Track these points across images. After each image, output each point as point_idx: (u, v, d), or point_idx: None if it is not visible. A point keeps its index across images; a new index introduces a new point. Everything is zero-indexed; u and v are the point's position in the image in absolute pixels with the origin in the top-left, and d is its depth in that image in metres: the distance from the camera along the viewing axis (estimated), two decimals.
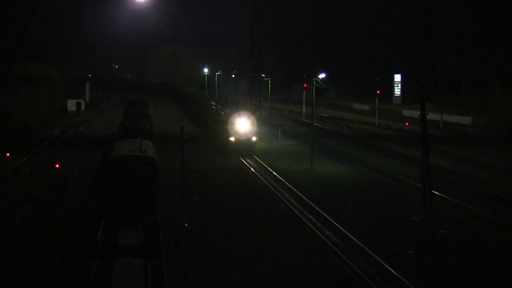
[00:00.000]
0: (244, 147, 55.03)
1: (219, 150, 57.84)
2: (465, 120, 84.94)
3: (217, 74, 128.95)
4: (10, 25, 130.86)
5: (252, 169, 49.60)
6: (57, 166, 49.35)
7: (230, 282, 25.17)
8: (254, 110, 73.81)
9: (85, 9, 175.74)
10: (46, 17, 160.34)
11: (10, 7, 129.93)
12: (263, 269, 26.48)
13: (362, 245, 28.74)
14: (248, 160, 53.16)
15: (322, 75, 57.03)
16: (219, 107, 67.11)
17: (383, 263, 26.23)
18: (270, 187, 42.87)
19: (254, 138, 55.63)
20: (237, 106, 63.08)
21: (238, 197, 40.20)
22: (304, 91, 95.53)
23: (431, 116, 54.02)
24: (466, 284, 24.98)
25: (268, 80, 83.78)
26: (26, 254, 28.55)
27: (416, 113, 40.00)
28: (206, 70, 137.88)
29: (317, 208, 35.89)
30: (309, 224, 33.18)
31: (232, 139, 54.81)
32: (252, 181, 45.23)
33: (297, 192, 40.35)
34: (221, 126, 58.17)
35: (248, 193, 41.26)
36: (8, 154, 53.37)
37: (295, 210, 36.35)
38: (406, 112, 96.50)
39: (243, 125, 55.11)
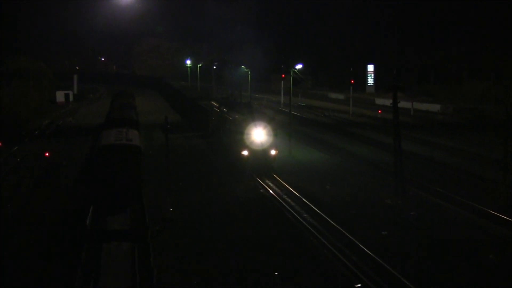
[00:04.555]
0: (260, 162, 42.35)
1: (228, 164, 45.97)
2: (435, 108, 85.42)
3: (199, 66, 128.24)
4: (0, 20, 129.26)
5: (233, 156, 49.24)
6: (47, 154, 48.96)
7: (213, 263, 25.20)
8: (273, 116, 55.28)
9: (72, 3, 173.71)
10: (35, 11, 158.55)
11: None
12: (244, 249, 26.58)
13: (337, 226, 28.90)
14: None
15: (299, 66, 57.15)
16: (224, 109, 53.80)
17: (358, 243, 26.40)
18: (250, 172, 42.84)
19: (273, 152, 42.80)
20: (250, 110, 49.64)
21: (221, 183, 40.20)
22: (282, 81, 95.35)
23: (402, 104, 54.68)
24: (435, 262, 25.23)
25: (248, 72, 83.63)
26: (17, 239, 28.39)
27: (388, 102, 40.23)
28: (188, 62, 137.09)
29: (294, 192, 36.00)
30: (288, 207, 33.30)
31: (245, 152, 42.44)
32: (232, 168, 45.07)
33: (276, 177, 40.39)
34: (231, 135, 47.04)
35: (229, 179, 41.25)
36: None
37: (274, 194, 36.44)
38: (379, 101, 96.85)
39: (258, 135, 42.39)
